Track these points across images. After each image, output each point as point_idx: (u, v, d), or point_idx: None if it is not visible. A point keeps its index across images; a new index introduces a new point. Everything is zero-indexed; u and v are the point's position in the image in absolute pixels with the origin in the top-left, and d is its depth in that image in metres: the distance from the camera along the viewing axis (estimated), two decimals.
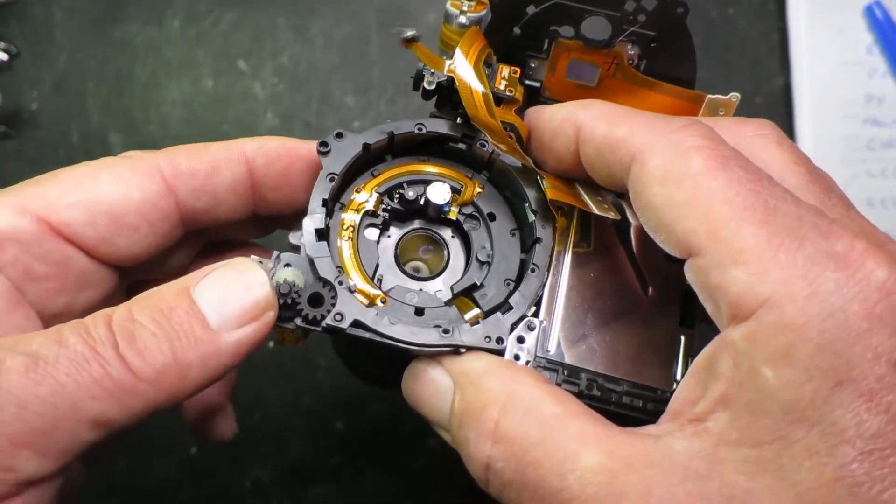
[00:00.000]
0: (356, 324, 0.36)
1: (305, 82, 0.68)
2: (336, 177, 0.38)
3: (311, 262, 0.36)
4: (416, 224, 0.42)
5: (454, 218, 0.41)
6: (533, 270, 0.39)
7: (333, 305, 0.36)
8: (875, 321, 0.27)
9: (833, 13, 0.69)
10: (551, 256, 0.39)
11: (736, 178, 0.30)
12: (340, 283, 0.36)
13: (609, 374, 0.38)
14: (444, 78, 0.40)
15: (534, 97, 0.44)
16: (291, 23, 0.68)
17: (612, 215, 0.38)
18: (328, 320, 0.35)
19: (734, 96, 0.41)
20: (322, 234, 0.37)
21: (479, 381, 0.35)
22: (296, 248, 0.38)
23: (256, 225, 0.46)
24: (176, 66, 0.67)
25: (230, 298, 0.34)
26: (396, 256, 0.41)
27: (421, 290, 0.40)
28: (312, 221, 0.37)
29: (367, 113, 0.67)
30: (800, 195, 0.32)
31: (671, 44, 0.41)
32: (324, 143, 0.39)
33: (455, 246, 0.42)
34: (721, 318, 0.30)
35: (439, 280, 0.41)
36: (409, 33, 0.39)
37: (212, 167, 0.41)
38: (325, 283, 0.36)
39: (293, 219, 0.44)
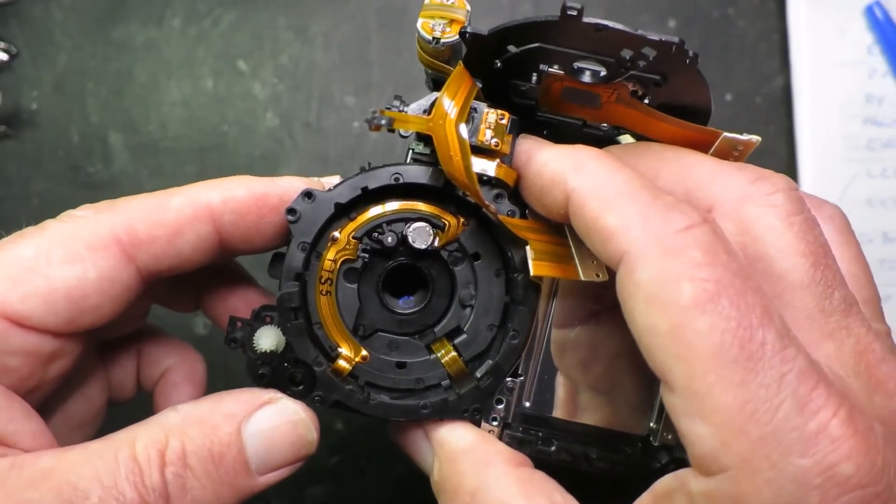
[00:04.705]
0: (337, 403, 0.38)
1: (305, 82, 0.68)
2: (308, 245, 0.37)
3: (288, 342, 0.38)
4: (400, 257, 0.40)
5: (438, 251, 0.39)
6: (514, 338, 0.38)
7: (313, 387, 0.38)
8: None
9: (833, 13, 0.69)
10: (532, 320, 0.39)
11: (723, 322, 0.28)
12: (319, 363, 0.38)
13: (584, 423, 0.40)
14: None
15: (528, 113, 0.40)
16: (291, 23, 0.68)
17: (600, 278, 0.37)
18: (308, 401, 0.38)
19: (753, 138, 0.37)
20: (297, 312, 0.37)
21: (453, 461, 0.37)
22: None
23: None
24: (176, 66, 0.67)
25: (277, 451, 0.36)
26: (379, 292, 0.40)
27: (404, 321, 0.40)
28: (287, 298, 0.37)
29: (367, 113, 0.67)
30: (797, 296, 0.32)
31: (680, 82, 0.37)
32: (292, 211, 0.37)
33: (440, 276, 0.40)
34: (686, 453, 0.30)
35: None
36: (383, 121, 0.36)
37: (174, 231, 0.38)
38: (303, 364, 0.38)
39: None
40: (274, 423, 0.36)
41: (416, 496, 0.62)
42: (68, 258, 0.36)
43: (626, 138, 0.41)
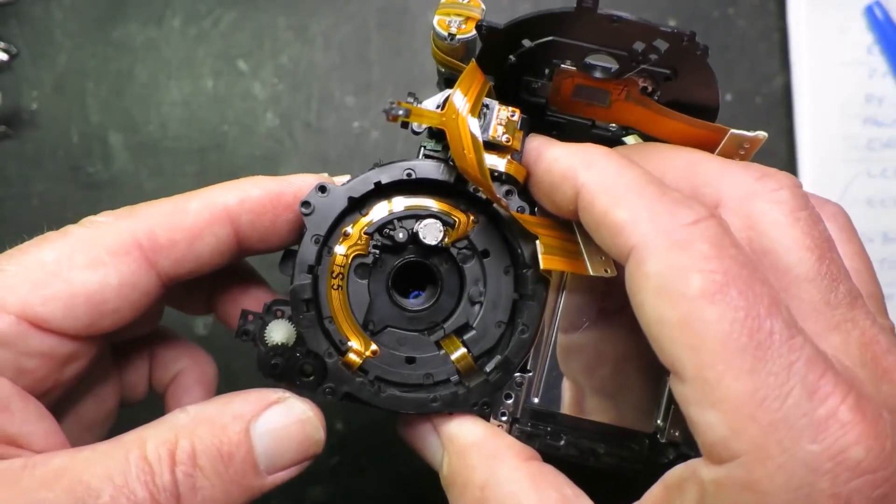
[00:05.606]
0: (347, 395, 0.38)
1: (305, 82, 0.68)
2: (321, 238, 0.38)
3: (300, 333, 0.38)
4: (409, 254, 0.40)
5: (448, 247, 0.40)
6: (523, 332, 0.39)
7: (324, 378, 0.38)
8: (841, 501, 0.28)
9: (833, 13, 0.69)
10: (542, 315, 0.39)
11: (732, 311, 0.29)
12: (330, 355, 0.38)
13: (592, 420, 0.40)
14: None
15: (538, 112, 0.40)
16: (291, 23, 0.68)
17: (608, 273, 0.37)
18: (319, 392, 0.38)
19: (761, 134, 0.37)
20: (308, 304, 0.38)
21: (463, 455, 0.37)
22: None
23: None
24: (176, 66, 0.67)
25: (285, 450, 0.37)
26: (388, 288, 0.40)
27: (413, 317, 0.40)
28: (300, 290, 0.37)
29: (367, 113, 0.67)
30: (803, 289, 0.32)
31: (689, 77, 0.37)
32: (306, 204, 0.38)
33: (449, 273, 0.41)
34: (696, 444, 0.31)
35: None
36: (401, 112, 0.37)
37: (193, 234, 0.38)
38: (315, 355, 0.38)
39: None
40: (282, 422, 0.36)
41: (416, 496, 0.62)
42: (90, 263, 0.36)
43: (633, 139, 0.41)
